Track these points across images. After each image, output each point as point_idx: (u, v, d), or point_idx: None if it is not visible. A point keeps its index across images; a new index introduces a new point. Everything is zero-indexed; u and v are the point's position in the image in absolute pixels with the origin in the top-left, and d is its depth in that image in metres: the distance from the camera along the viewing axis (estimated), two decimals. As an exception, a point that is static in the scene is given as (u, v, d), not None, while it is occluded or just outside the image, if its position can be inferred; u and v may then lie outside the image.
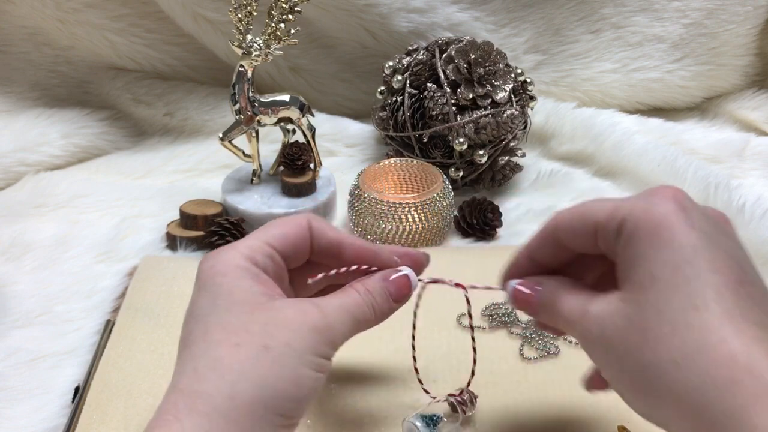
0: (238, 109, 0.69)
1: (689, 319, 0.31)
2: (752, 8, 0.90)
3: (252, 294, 0.39)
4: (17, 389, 0.53)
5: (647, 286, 0.33)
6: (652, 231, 0.34)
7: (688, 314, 0.32)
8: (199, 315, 0.39)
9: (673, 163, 0.77)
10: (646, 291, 0.33)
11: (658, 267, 0.33)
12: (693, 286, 0.32)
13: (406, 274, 0.44)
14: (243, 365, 0.36)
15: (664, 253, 0.33)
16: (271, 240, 0.42)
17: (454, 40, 0.79)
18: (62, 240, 0.70)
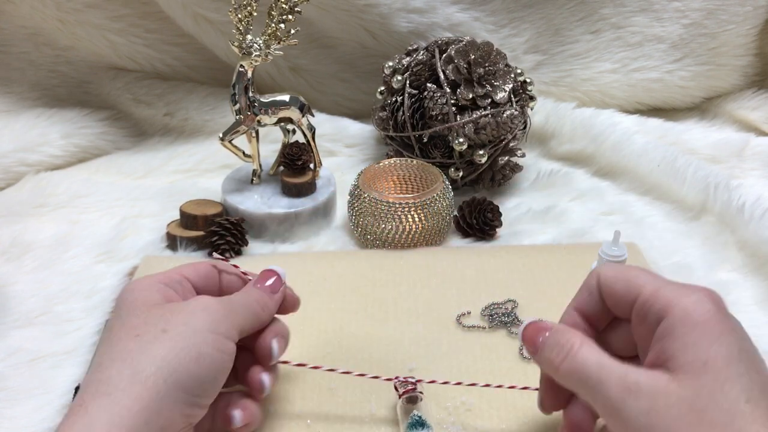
0: (238, 109, 0.69)
1: (745, 410, 0.35)
2: (752, 8, 0.90)
3: (153, 299, 0.43)
4: (17, 389, 0.53)
5: (701, 372, 0.36)
6: (702, 324, 0.37)
7: (743, 406, 0.35)
8: (109, 328, 0.43)
9: (672, 163, 0.77)
10: (700, 377, 0.36)
11: (712, 358, 0.36)
12: (744, 382, 0.35)
13: (272, 269, 0.48)
14: (143, 348, 0.39)
15: (716, 346, 0.36)
16: (181, 270, 0.46)
17: (453, 41, 0.79)
18: (62, 240, 0.70)
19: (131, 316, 0.42)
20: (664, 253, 0.68)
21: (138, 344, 0.40)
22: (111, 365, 0.39)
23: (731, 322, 0.38)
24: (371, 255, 0.67)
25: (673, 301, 0.38)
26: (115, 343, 0.40)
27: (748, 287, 0.64)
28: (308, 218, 0.71)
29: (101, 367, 0.39)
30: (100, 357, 0.41)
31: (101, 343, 0.42)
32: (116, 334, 0.41)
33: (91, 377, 0.39)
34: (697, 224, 0.73)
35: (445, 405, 0.49)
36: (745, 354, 0.37)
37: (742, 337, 0.38)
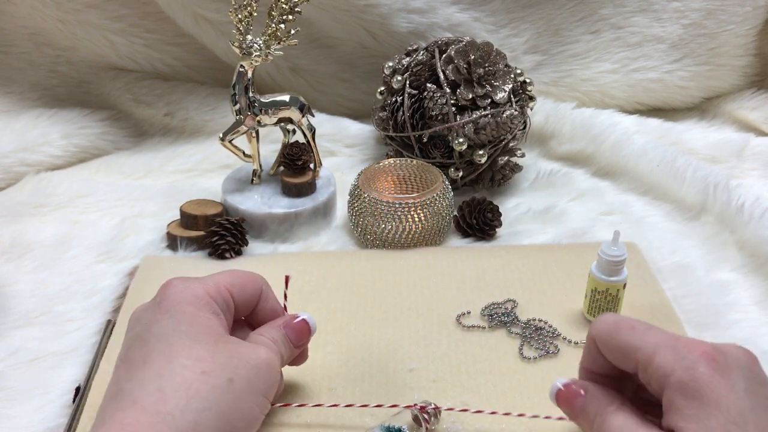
0: (238, 109, 0.69)
1: None
2: (751, 9, 0.90)
3: (213, 327, 0.42)
4: (17, 389, 0.53)
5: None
6: (697, 393, 0.36)
7: None
8: (161, 335, 0.41)
9: (672, 163, 0.77)
10: None
11: (713, 427, 0.35)
12: None
13: (304, 319, 0.48)
14: (210, 394, 0.39)
15: (715, 415, 0.36)
16: (230, 287, 0.45)
17: (453, 41, 0.79)
18: (63, 240, 0.70)
19: (195, 342, 0.41)
20: (663, 253, 0.68)
21: (203, 386, 0.39)
22: (175, 399, 0.38)
23: (730, 382, 0.37)
24: (371, 255, 0.67)
25: (668, 373, 0.38)
26: (179, 370, 0.39)
27: (748, 287, 0.64)
28: (308, 218, 0.71)
29: (163, 395, 0.38)
30: (160, 379, 0.39)
31: (153, 352, 0.40)
32: (178, 358, 0.40)
33: (152, 403, 0.38)
34: (697, 224, 0.73)
35: (445, 405, 0.49)
36: (747, 416, 0.36)
37: (744, 394, 0.37)
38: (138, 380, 0.39)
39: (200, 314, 0.42)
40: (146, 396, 0.38)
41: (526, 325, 0.57)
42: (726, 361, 0.38)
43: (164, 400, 0.38)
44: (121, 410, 0.38)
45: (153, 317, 0.42)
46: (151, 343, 0.41)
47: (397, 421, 0.46)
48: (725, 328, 0.59)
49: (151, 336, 0.41)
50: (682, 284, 0.64)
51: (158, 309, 0.43)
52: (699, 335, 0.57)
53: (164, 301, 0.43)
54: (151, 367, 0.39)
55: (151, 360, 0.40)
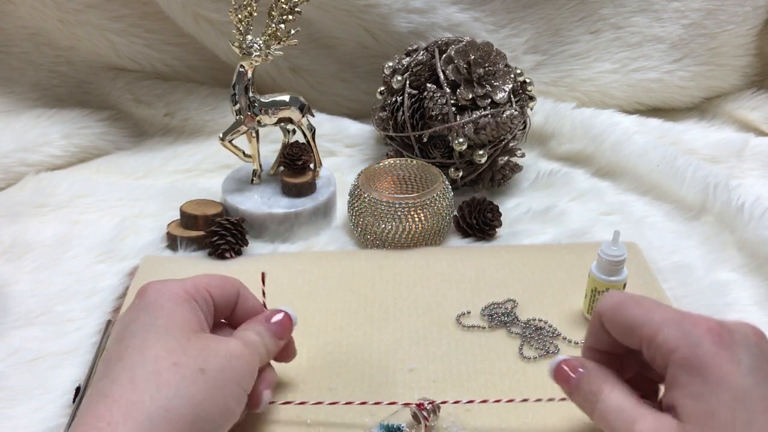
0: (238, 109, 0.69)
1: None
2: (751, 9, 0.90)
3: (188, 322, 0.43)
4: (17, 389, 0.53)
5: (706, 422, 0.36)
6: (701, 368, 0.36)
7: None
8: (136, 330, 0.42)
9: (672, 163, 0.77)
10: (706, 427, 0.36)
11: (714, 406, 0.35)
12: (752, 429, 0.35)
13: (286, 313, 0.48)
14: (180, 383, 0.39)
15: (719, 393, 0.36)
16: (209, 287, 0.46)
17: (453, 41, 0.79)
18: (63, 240, 0.70)
19: (169, 335, 0.41)
20: (663, 253, 0.68)
21: (174, 376, 0.39)
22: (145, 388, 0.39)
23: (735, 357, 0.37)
24: (371, 255, 0.67)
25: (672, 349, 0.38)
26: (151, 361, 0.40)
27: (748, 287, 0.64)
28: (308, 218, 0.71)
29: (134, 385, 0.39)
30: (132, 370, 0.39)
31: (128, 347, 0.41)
32: (151, 351, 0.40)
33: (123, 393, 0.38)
34: (697, 224, 0.73)
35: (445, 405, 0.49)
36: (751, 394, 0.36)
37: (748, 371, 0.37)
38: (112, 376, 0.40)
39: (177, 309, 0.43)
40: (117, 388, 0.39)
41: (526, 325, 0.57)
42: (732, 337, 0.37)
43: (135, 390, 0.39)
44: (94, 404, 0.39)
45: (131, 315, 0.43)
46: (126, 339, 0.42)
47: (396, 419, 0.46)
48: (725, 328, 0.59)
49: (127, 333, 0.42)
50: (682, 284, 0.64)
51: (137, 307, 0.44)
52: (699, 335, 0.57)
53: (142, 300, 0.44)
54: (125, 362, 0.40)
55: (126, 355, 0.41)
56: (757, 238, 0.67)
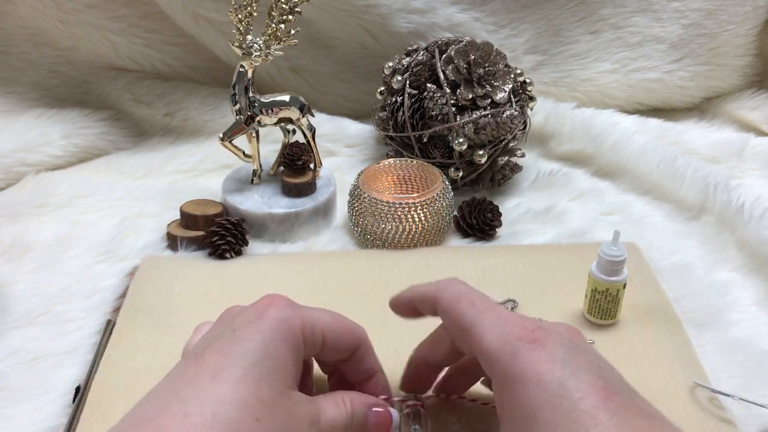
0: (238, 109, 0.69)
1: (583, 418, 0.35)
2: (751, 9, 0.90)
3: (289, 375, 0.40)
4: (17, 389, 0.53)
5: (530, 426, 0.36)
6: (521, 377, 0.37)
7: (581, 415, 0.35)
8: (244, 358, 0.38)
9: (672, 163, 0.77)
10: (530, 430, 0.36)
11: (536, 409, 0.36)
12: (573, 419, 0.35)
13: (389, 412, 0.44)
14: None
15: (537, 395, 0.36)
16: (327, 331, 0.43)
17: (453, 41, 0.79)
18: (63, 240, 0.70)
19: (268, 382, 0.38)
20: (663, 253, 0.68)
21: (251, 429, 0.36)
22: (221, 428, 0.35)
23: (549, 353, 0.38)
24: (371, 255, 0.67)
25: (494, 360, 0.39)
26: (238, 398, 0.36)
27: (748, 287, 0.64)
28: (308, 218, 0.71)
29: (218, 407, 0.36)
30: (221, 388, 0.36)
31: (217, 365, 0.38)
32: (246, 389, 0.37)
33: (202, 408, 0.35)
34: (697, 224, 0.73)
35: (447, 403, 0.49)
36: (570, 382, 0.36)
37: (563, 362, 0.37)
38: (199, 392, 0.37)
39: (288, 354, 0.40)
40: (197, 415, 0.35)
41: (526, 325, 0.57)
42: (545, 336, 0.39)
43: (204, 424, 0.35)
44: (163, 409, 0.36)
45: (246, 331, 0.40)
46: (229, 358, 0.38)
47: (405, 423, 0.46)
48: (725, 328, 0.59)
49: (233, 351, 0.38)
50: (682, 284, 0.64)
51: (255, 325, 0.40)
52: (699, 335, 0.57)
53: (262, 322, 0.40)
54: (216, 387, 0.37)
55: (221, 378, 0.37)
56: (757, 238, 0.67)
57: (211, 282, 0.63)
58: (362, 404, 0.43)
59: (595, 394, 0.36)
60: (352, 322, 0.45)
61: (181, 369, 0.39)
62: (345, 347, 0.44)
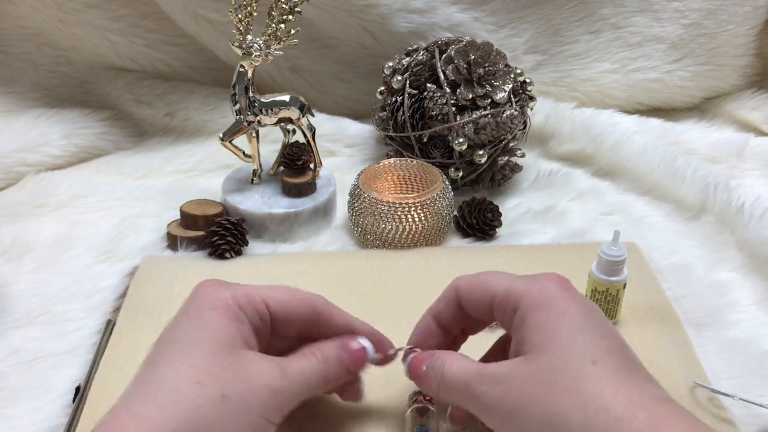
0: (238, 109, 0.69)
1: (590, 371, 0.37)
2: (751, 9, 0.90)
3: (227, 337, 0.41)
4: (17, 389, 0.53)
5: (548, 346, 0.39)
6: (547, 304, 0.40)
7: (589, 368, 0.37)
8: (174, 338, 0.41)
9: (672, 163, 0.77)
10: (548, 351, 0.38)
11: (557, 331, 0.39)
12: (589, 347, 0.38)
13: (363, 347, 0.45)
14: (197, 405, 0.38)
15: (560, 320, 0.39)
16: (268, 300, 0.43)
17: (453, 41, 0.79)
18: (63, 240, 0.70)
19: (201, 348, 0.40)
20: (663, 253, 0.68)
21: (193, 396, 0.38)
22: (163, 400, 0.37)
23: (576, 298, 0.41)
24: (371, 255, 0.67)
25: (521, 293, 0.41)
26: (175, 377, 0.38)
27: (748, 287, 0.64)
28: (308, 218, 0.71)
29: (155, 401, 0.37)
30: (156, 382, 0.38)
31: (161, 353, 0.40)
32: (178, 364, 0.39)
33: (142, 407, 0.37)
34: (697, 224, 0.73)
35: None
36: (590, 323, 0.39)
37: (588, 308, 0.41)
38: (139, 383, 0.39)
39: (218, 320, 0.41)
40: (137, 399, 0.38)
41: (526, 325, 0.57)
42: (573, 288, 0.42)
43: (151, 404, 0.37)
44: (115, 412, 0.38)
45: (177, 319, 0.42)
46: (163, 344, 0.41)
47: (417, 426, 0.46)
48: (725, 328, 0.59)
49: (167, 338, 0.41)
50: (682, 284, 0.64)
51: (183, 311, 0.42)
52: (699, 335, 0.57)
53: (190, 304, 0.42)
54: (154, 370, 0.39)
55: (156, 362, 0.40)
56: (757, 238, 0.67)
57: (211, 282, 0.63)
58: (331, 347, 0.44)
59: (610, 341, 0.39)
60: (305, 291, 0.46)
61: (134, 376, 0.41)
62: (298, 310, 0.44)
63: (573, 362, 0.37)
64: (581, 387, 0.36)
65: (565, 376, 0.37)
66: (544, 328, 0.39)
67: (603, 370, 0.37)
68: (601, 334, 0.39)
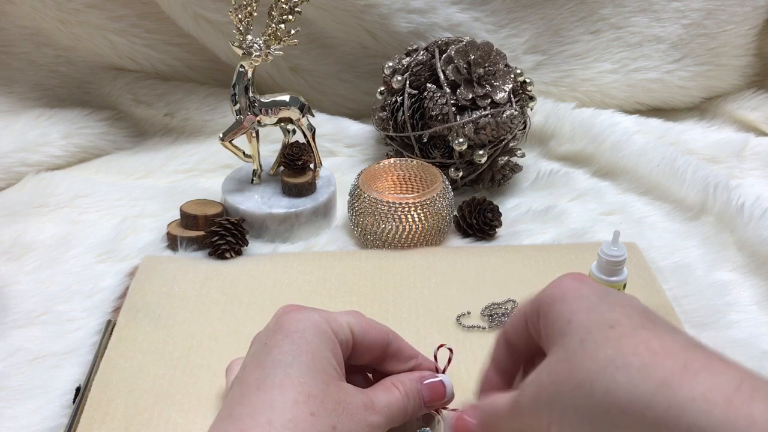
0: (238, 109, 0.69)
1: (608, 335, 0.35)
2: (751, 9, 0.90)
3: (330, 365, 0.40)
4: (18, 389, 0.53)
5: (566, 330, 0.37)
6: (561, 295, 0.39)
7: (607, 333, 0.35)
8: (279, 361, 0.39)
9: (672, 163, 0.77)
10: (566, 334, 0.37)
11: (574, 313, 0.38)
12: (605, 317, 0.36)
13: (442, 381, 0.45)
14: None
15: (575, 304, 0.38)
16: (354, 327, 0.43)
17: (453, 41, 0.79)
18: (63, 240, 0.70)
19: (311, 377, 0.39)
20: (663, 253, 0.68)
21: (309, 427, 0.37)
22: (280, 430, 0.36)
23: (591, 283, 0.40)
24: (371, 255, 0.67)
25: (540, 296, 0.41)
26: (291, 406, 0.37)
27: (748, 287, 0.64)
28: (308, 218, 0.71)
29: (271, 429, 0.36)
30: (272, 411, 0.37)
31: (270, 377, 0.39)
32: (292, 392, 0.38)
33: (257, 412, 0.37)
34: (697, 224, 0.73)
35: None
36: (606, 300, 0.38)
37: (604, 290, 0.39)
38: (249, 406, 0.38)
39: (322, 347, 0.40)
40: (254, 426, 0.37)
41: (526, 325, 0.57)
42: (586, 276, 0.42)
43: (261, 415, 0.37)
44: None
45: (273, 339, 0.41)
46: (267, 367, 0.39)
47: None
48: (725, 328, 0.59)
49: (269, 360, 0.40)
50: (682, 284, 0.64)
51: (279, 331, 0.41)
52: (699, 335, 0.57)
53: (285, 325, 0.41)
54: (264, 395, 0.38)
55: (265, 386, 0.38)
56: (757, 238, 0.67)
57: (211, 282, 0.63)
58: (412, 381, 0.44)
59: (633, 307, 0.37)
60: (374, 320, 0.45)
61: (229, 396, 0.40)
62: (375, 340, 0.44)
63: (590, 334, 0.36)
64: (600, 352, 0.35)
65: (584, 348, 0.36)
66: (560, 317, 0.38)
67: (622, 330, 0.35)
68: (620, 304, 0.37)
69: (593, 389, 0.34)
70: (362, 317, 0.44)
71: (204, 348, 0.55)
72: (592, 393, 0.34)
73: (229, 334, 0.57)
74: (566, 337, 0.37)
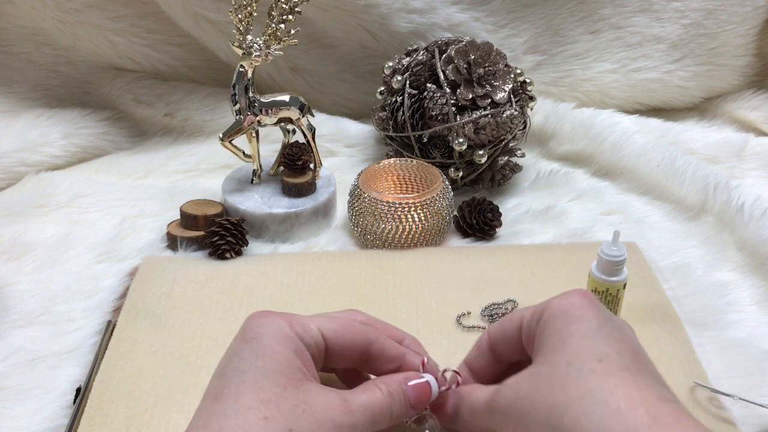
0: (238, 109, 0.69)
1: (594, 367, 0.37)
2: (751, 9, 0.90)
3: (291, 368, 0.40)
4: (18, 389, 0.53)
5: (559, 348, 0.39)
6: (565, 311, 0.40)
7: (593, 365, 0.37)
8: (237, 368, 0.39)
9: (672, 163, 0.77)
10: (558, 352, 0.38)
11: (570, 335, 0.39)
12: (599, 348, 0.38)
13: (427, 381, 0.44)
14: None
15: (575, 324, 0.39)
16: (323, 328, 0.43)
17: (453, 41, 0.79)
18: (63, 240, 0.70)
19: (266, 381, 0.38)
20: (663, 253, 0.68)
21: (261, 428, 0.36)
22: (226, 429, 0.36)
23: (596, 307, 0.40)
24: (371, 255, 0.67)
25: (545, 306, 0.41)
26: (243, 412, 0.37)
27: (748, 287, 0.64)
28: (308, 218, 0.71)
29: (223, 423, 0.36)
30: (225, 419, 0.37)
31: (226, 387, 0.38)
32: (245, 399, 0.37)
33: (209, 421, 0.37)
34: (697, 224, 0.73)
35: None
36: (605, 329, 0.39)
37: (606, 317, 0.40)
38: (204, 417, 0.38)
39: (281, 350, 0.40)
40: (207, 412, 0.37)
41: (526, 325, 0.57)
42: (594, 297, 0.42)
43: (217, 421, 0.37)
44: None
45: (235, 347, 0.41)
46: (227, 376, 0.39)
47: None
48: (725, 328, 0.59)
49: (229, 369, 0.40)
50: (682, 284, 0.64)
51: (241, 339, 0.41)
52: (699, 335, 0.57)
53: (246, 332, 0.41)
54: (220, 404, 0.38)
55: (222, 396, 0.38)
56: (757, 238, 0.67)
57: (211, 282, 0.63)
58: (396, 382, 0.43)
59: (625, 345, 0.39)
60: (357, 322, 0.45)
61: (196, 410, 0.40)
62: (353, 341, 0.43)
63: (580, 361, 0.37)
64: (582, 381, 0.36)
65: (569, 372, 0.37)
66: (558, 333, 0.39)
67: (608, 367, 0.37)
68: (615, 338, 0.39)
69: (565, 415, 0.35)
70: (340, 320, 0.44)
71: (204, 349, 0.55)
72: (562, 418, 0.35)
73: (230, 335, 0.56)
74: (557, 354, 0.38)
